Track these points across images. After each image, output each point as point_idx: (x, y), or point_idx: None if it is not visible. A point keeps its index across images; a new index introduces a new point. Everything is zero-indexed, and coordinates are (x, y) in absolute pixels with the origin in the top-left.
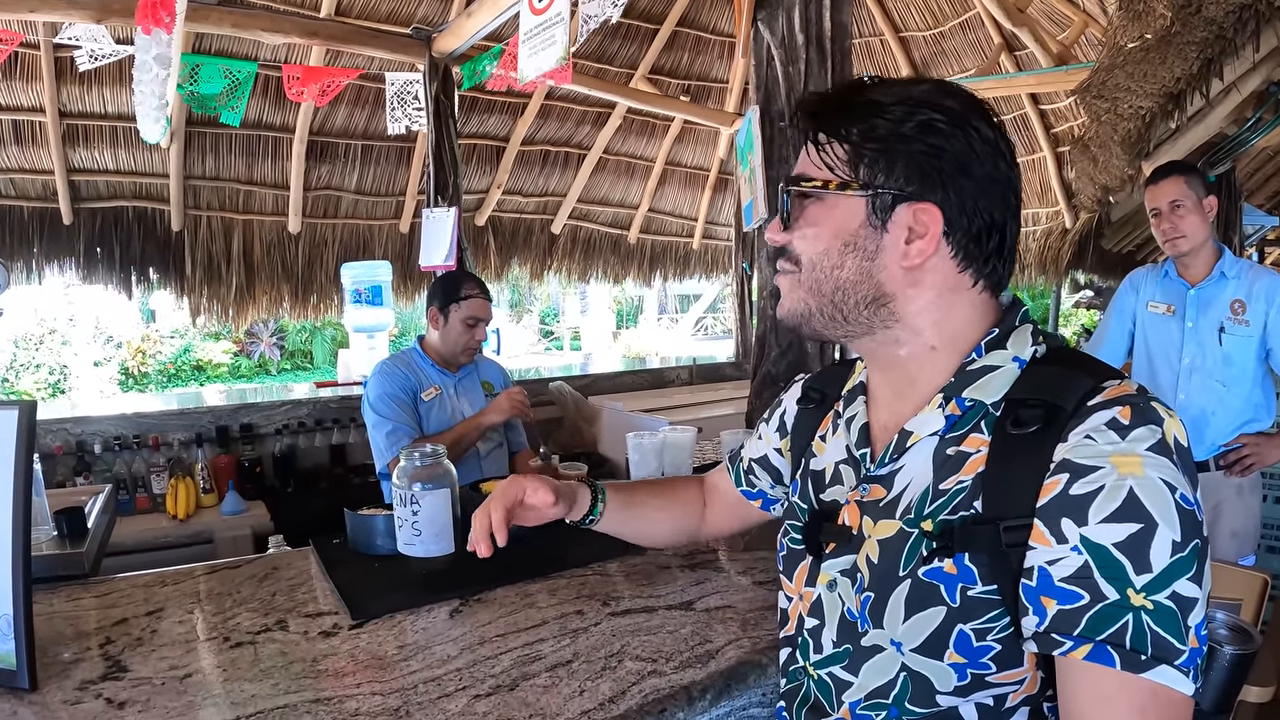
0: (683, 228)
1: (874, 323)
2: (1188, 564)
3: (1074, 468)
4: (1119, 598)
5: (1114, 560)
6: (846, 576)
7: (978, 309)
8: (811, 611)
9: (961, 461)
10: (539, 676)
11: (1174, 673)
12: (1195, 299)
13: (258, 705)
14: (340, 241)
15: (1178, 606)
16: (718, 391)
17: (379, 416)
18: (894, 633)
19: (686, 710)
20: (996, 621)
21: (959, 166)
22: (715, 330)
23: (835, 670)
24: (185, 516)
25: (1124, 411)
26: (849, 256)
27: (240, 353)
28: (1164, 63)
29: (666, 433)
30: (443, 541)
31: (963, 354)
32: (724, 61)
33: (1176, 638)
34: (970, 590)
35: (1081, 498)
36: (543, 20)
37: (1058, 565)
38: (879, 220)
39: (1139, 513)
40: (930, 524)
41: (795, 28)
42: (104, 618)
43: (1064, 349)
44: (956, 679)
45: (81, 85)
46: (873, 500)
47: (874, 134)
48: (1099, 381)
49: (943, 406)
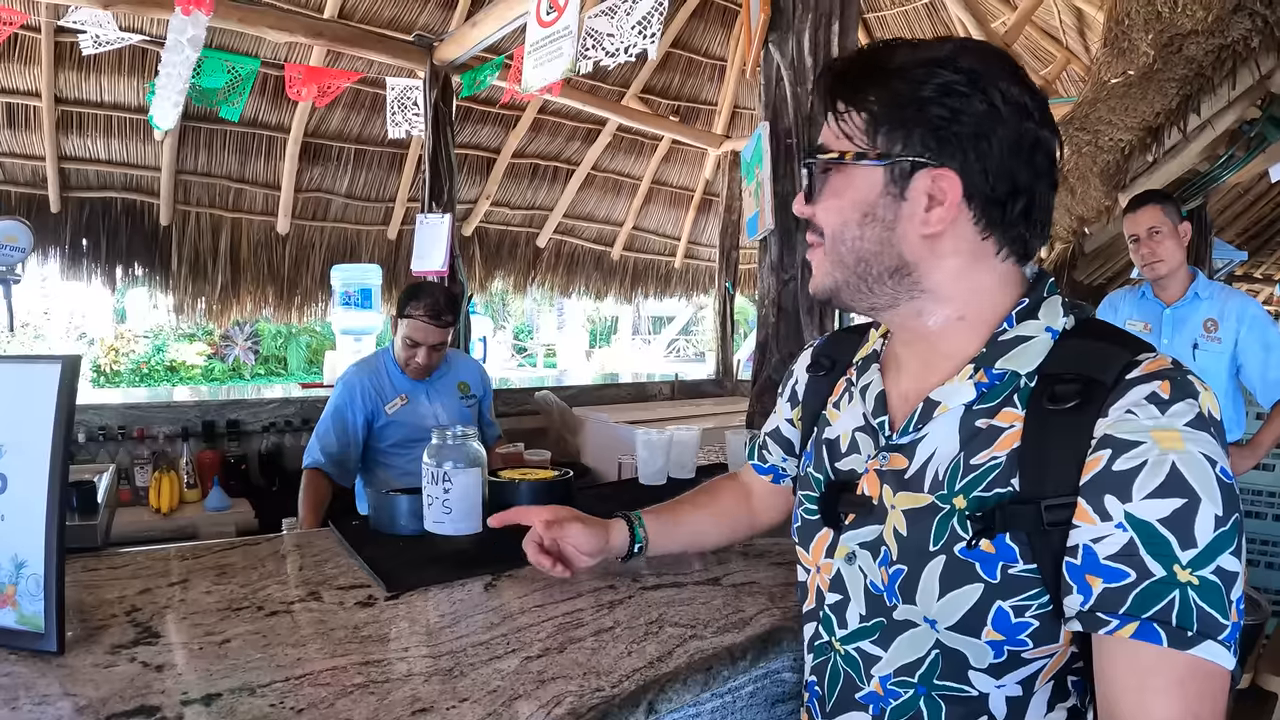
0: (665, 246)
1: (899, 293)
2: (1230, 538)
3: (1116, 443)
4: (1165, 574)
5: (1160, 536)
6: (867, 549)
7: (1005, 279)
8: (832, 586)
9: (994, 436)
10: (585, 641)
11: (1218, 648)
12: (1170, 318)
13: (305, 668)
14: (328, 245)
15: (1221, 581)
16: (699, 405)
17: (318, 425)
18: (928, 610)
19: (730, 669)
20: (1036, 599)
21: (979, 130)
22: (687, 353)
23: (864, 645)
24: (168, 510)
25: (1164, 386)
26: (868, 227)
27: (214, 355)
28: (1145, 98)
29: (674, 431)
30: (472, 520)
31: (992, 325)
32: (714, 84)
33: (1221, 612)
34: (1011, 569)
35: (1125, 474)
36: (549, 33)
37: (1103, 543)
38: (897, 189)
39: (1183, 488)
40: (964, 500)
41: (805, 50)
42: (125, 587)
43: (1092, 320)
44: (993, 655)
45: (79, 72)
46: (893, 470)
47: (891, 100)
48: (1134, 355)
49: (973, 376)
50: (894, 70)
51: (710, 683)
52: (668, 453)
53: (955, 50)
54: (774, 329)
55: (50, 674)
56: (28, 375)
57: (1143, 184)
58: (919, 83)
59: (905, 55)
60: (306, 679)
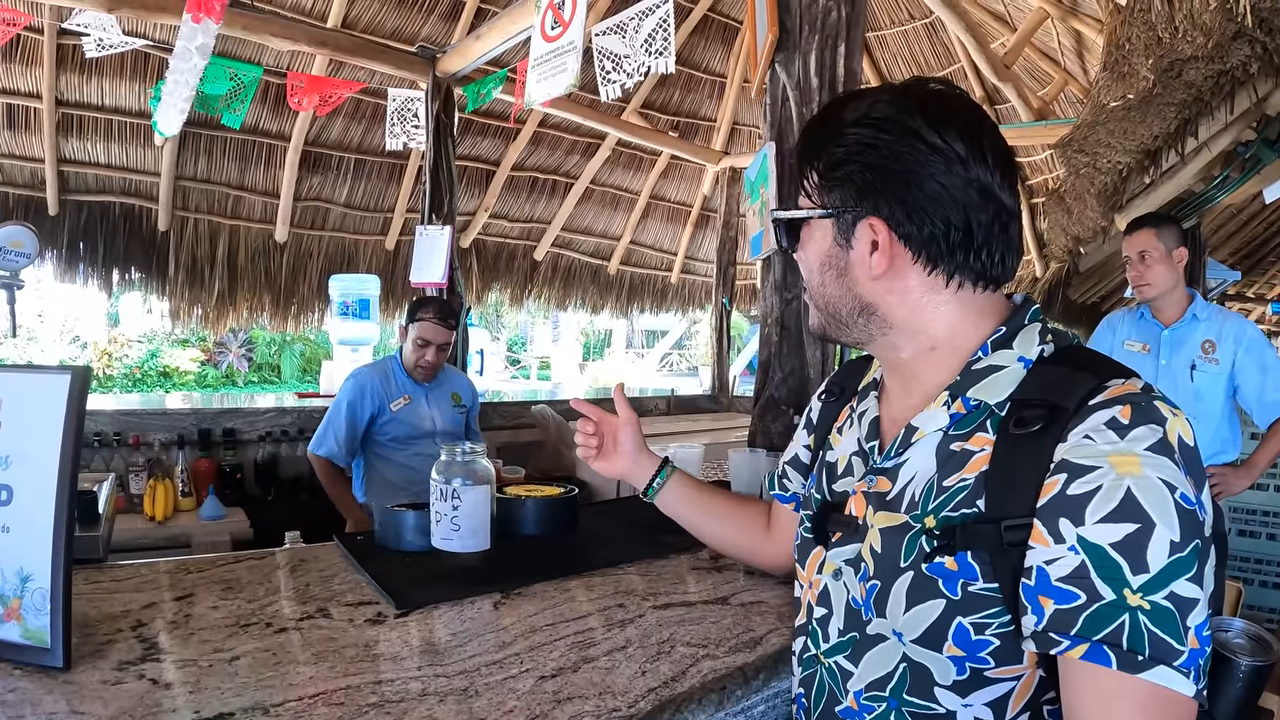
0: (662, 261)
1: (871, 330)
2: (1187, 564)
3: (1072, 468)
4: (1115, 598)
5: (1111, 560)
6: (850, 565)
7: (973, 308)
8: (820, 600)
9: (965, 459)
10: (599, 660)
11: (1172, 673)
12: (1169, 339)
13: (319, 686)
14: (325, 254)
15: (1176, 607)
16: (696, 422)
17: (329, 418)
18: (895, 623)
19: (744, 688)
20: (996, 617)
21: (904, 180)
22: (680, 367)
23: (839, 660)
24: (163, 519)
25: (1124, 411)
26: (828, 274)
27: (208, 362)
28: (1143, 121)
29: (677, 448)
30: (479, 537)
31: (966, 353)
32: (713, 100)
33: (1175, 638)
34: (971, 586)
35: (1079, 498)
36: (554, 47)
37: (1055, 565)
38: (844, 239)
39: (1136, 513)
40: (933, 520)
41: (811, 71)
42: (129, 601)
43: (1072, 347)
44: (955, 672)
45: (81, 75)
46: (878, 492)
47: (827, 160)
48: (1102, 380)
49: (948, 404)
50: (834, 132)
51: (724, 702)
52: None
53: (887, 103)
54: (777, 348)
55: (57, 690)
56: (36, 386)
57: (1139, 205)
58: (850, 144)
59: (849, 112)
60: (320, 698)
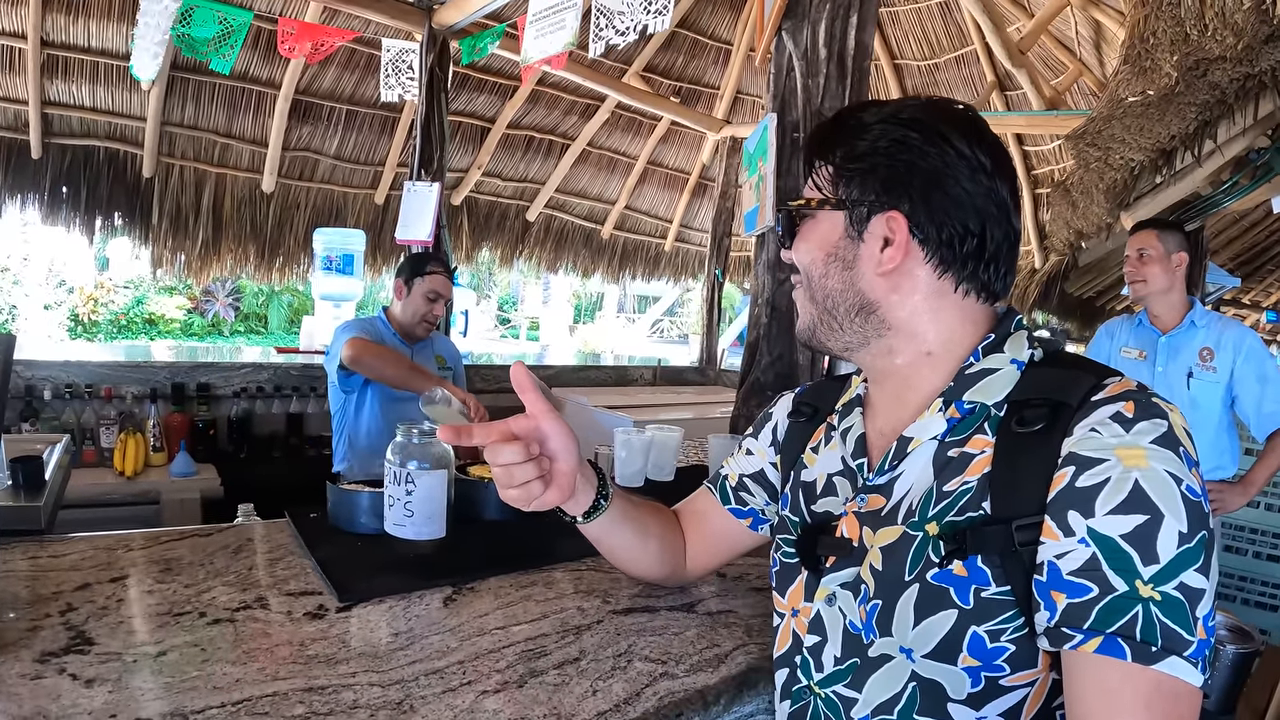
0: (656, 228)
1: (867, 332)
2: (1195, 555)
3: (1080, 460)
4: (1127, 589)
5: (1121, 551)
6: (848, 589)
7: (969, 316)
8: (811, 628)
9: (965, 463)
10: (547, 674)
11: (1183, 664)
12: (1166, 345)
13: (245, 691)
14: (313, 206)
15: (1185, 597)
16: (680, 394)
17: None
18: (903, 640)
19: (702, 715)
20: (1010, 622)
21: (930, 180)
22: (671, 334)
23: (838, 689)
24: (133, 474)
25: (1127, 406)
26: (833, 266)
27: (194, 310)
28: (1162, 119)
29: (655, 432)
30: (434, 525)
31: (959, 359)
32: (718, 67)
33: (1185, 629)
34: (984, 592)
35: (1088, 490)
36: (554, 4)
37: (1066, 558)
38: (855, 231)
39: (1145, 504)
40: (935, 526)
41: (819, 42)
42: (64, 581)
43: (1061, 352)
44: (970, 684)
45: (67, 15)
46: (872, 510)
47: (852, 154)
48: (1101, 379)
49: (943, 410)
50: (857, 127)
51: None
52: (647, 454)
53: (918, 108)
54: (766, 329)
55: None
56: None
57: (1146, 204)
58: (878, 138)
59: (871, 114)
60: (244, 706)
